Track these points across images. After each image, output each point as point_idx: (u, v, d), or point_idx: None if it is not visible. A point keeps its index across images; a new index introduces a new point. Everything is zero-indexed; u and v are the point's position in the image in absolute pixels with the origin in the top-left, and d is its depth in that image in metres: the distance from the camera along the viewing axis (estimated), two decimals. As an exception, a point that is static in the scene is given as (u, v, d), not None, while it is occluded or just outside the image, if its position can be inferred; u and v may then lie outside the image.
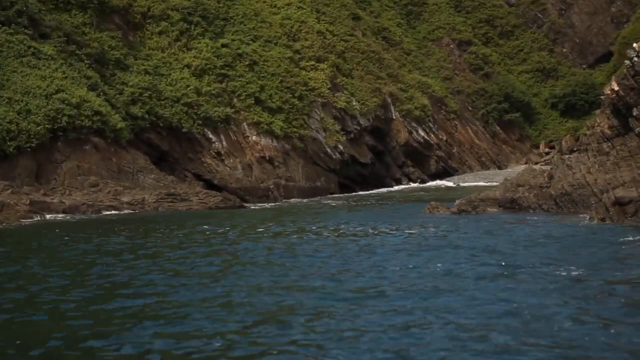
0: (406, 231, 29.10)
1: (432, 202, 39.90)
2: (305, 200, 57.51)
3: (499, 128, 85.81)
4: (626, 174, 30.90)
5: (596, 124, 33.70)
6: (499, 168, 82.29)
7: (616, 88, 31.65)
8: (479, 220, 32.62)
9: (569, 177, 34.15)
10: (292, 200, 57.97)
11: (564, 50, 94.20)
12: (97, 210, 40.13)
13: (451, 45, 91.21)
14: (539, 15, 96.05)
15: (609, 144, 32.83)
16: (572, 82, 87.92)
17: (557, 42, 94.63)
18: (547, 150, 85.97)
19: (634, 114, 31.07)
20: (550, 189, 34.84)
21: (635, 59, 30.51)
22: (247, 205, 51.65)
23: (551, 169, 37.84)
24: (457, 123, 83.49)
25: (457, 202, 38.21)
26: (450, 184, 72.21)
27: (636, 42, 31.96)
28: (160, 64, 59.14)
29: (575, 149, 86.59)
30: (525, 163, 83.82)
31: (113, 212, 41.57)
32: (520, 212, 35.72)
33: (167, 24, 62.00)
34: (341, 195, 64.31)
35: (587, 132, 34.37)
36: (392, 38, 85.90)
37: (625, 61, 32.22)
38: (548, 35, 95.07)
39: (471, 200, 37.49)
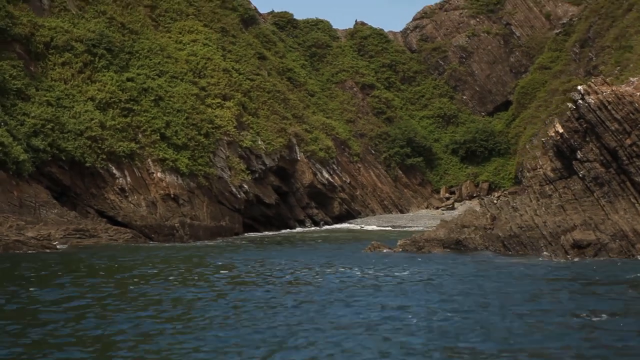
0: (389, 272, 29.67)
1: (373, 242, 40.83)
2: (219, 240, 58.07)
3: (401, 172, 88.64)
4: (576, 217, 32.37)
5: (538, 166, 35.35)
6: (401, 212, 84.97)
7: (560, 130, 33.38)
8: (434, 261, 33.34)
9: (516, 219, 35.23)
10: (209, 242, 58.21)
11: (464, 97, 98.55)
12: (5, 246, 39.50)
13: (354, 89, 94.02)
14: (440, 62, 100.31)
15: (552, 186, 34.37)
16: (472, 129, 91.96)
17: (458, 89, 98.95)
18: (447, 195, 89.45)
19: (578, 157, 32.76)
20: (497, 230, 35.79)
21: (580, 101, 32.37)
22: (154, 243, 51.84)
23: (494, 210, 38.67)
24: (360, 166, 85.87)
25: (401, 242, 39.02)
26: (360, 227, 73.92)
27: (574, 89, 33.74)
28: (63, 95, 58.78)
29: (474, 195, 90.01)
30: (427, 207, 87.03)
31: (32, 249, 41.08)
32: (467, 253, 36.59)
33: (70, 55, 61.77)
34: (251, 235, 65.45)
35: (528, 175, 36.04)
36: (296, 79, 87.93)
37: (568, 104, 34.11)
38: (449, 82, 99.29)
39: (415, 241, 38.35)
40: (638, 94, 31.10)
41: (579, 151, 32.93)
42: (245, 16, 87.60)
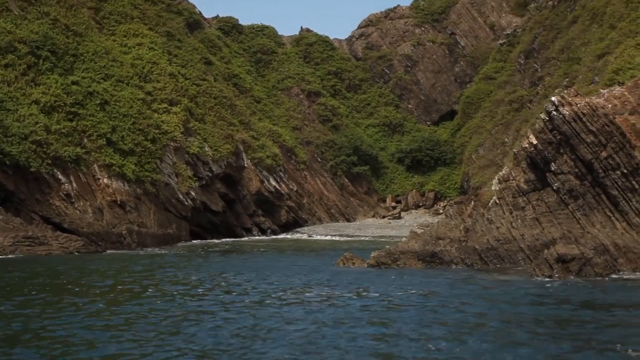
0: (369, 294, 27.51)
1: (345, 254, 39.75)
2: (169, 249, 57.55)
3: (347, 180, 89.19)
4: (554, 231, 32.16)
5: (511, 178, 34.75)
6: (348, 220, 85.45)
7: (534, 142, 33.05)
8: (426, 279, 31.36)
9: (493, 231, 34.65)
10: (160, 250, 57.76)
11: (410, 106, 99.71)
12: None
13: (300, 96, 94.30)
14: (385, 70, 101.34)
15: (525, 198, 33.97)
16: (418, 138, 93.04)
17: (403, 98, 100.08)
18: (393, 204, 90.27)
19: (552, 168, 32.55)
20: (474, 243, 35.15)
21: (554, 113, 32.23)
22: (110, 252, 51.40)
23: (459, 222, 37.87)
24: (306, 174, 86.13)
25: (375, 254, 38.04)
26: (308, 236, 73.88)
27: (554, 98, 33.35)
28: (6, 98, 57.47)
29: (420, 204, 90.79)
30: (373, 216, 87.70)
31: None
32: (443, 266, 35.81)
33: (13, 56, 60.54)
34: (201, 243, 65.31)
35: (500, 186, 35.66)
36: (242, 85, 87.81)
37: (541, 115, 34.04)
38: (394, 90, 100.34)
39: (390, 253, 37.54)
40: (610, 105, 31.62)
41: (552, 163, 32.79)
42: (190, 20, 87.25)
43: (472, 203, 79.42)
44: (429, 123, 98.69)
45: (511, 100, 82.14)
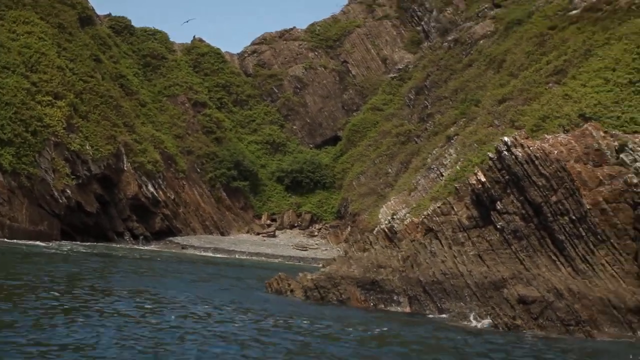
0: None
1: (280, 274, 37.66)
2: (48, 246, 56.81)
3: (224, 194, 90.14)
4: (502, 269, 32.12)
5: (452, 212, 34.79)
6: (222, 234, 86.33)
7: (483, 179, 33.43)
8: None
9: (439, 264, 34.06)
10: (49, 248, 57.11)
11: (294, 127, 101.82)
12: None
13: (186, 104, 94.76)
14: (274, 89, 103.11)
15: (465, 234, 33.96)
16: (300, 159, 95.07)
17: (289, 119, 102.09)
18: (268, 222, 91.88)
19: (498, 207, 32.95)
20: (417, 274, 34.62)
21: (506, 153, 32.79)
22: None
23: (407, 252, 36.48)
24: (184, 183, 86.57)
25: (313, 276, 36.66)
26: (182, 249, 74.26)
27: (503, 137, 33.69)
28: None
29: (295, 225, 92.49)
30: (247, 232, 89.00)
31: None
32: (384, 295, 34.85)
33: None
34: (77, 244, 64.77)
35: (437, 219, 35.12)
36: (129, 87, 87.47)
37: (488, 153, 34.45)
38: (281, 110, 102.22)
39: (331, 277, 36.25)
40: (556, 152, 33.00)
41: (498, 202, 33.06)
42: (82, 15, 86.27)
43: (349, 228, 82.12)
44: (311, 146, 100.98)
45: (398, 133, 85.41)
